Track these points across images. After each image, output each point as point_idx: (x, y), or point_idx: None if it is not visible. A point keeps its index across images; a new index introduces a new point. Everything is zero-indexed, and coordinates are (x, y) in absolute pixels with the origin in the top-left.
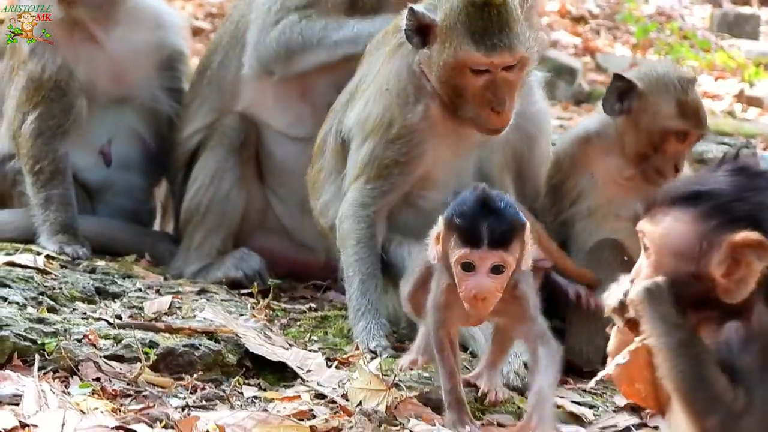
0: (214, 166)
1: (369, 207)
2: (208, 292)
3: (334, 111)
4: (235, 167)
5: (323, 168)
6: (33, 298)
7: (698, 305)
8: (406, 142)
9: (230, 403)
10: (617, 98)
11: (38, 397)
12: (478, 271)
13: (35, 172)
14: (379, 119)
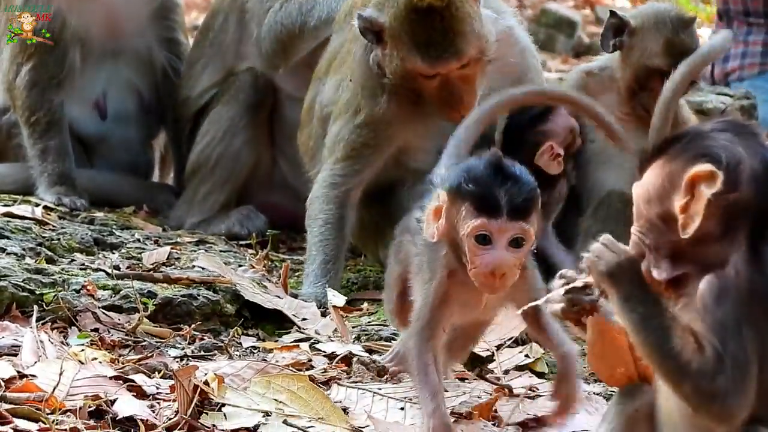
0: (227, 123)
1: (339, 187)
2: (206, 243)
3: (317, 78)
4: (248, 126)
5: (312, 135)
6: (31, 249)
7: (675, 257)
8: (373, 129)
9: (229, 353)
10: (612, 35)
11: (36, 348)
12: (496, 245)
13: (31, 123)
14: (347, 105)
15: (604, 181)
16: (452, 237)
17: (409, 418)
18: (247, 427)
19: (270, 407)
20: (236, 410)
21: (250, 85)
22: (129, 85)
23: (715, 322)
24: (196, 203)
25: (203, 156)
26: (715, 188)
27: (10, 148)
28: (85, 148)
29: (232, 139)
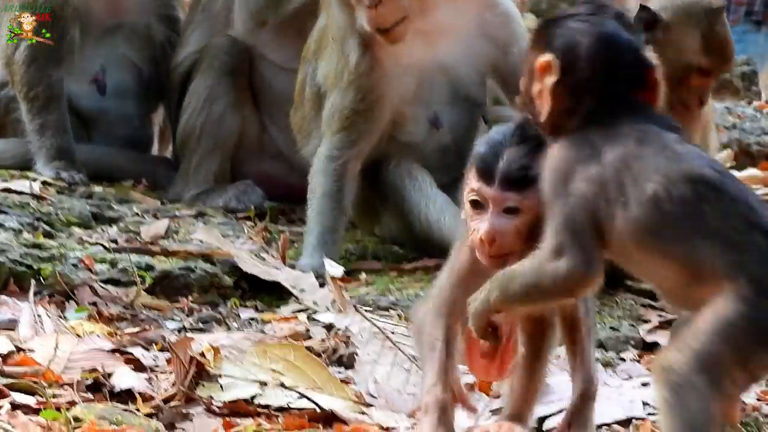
0: (206, 90)
1: (337, 160)
2: (205, 216)
3: (306, 58)
4: (228, 90)
5: (305, 116)
6: (29, 224)
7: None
8: (357, 88)
9: (227, 325)
10: (644, 29)
11: (34, 322)
12: (489, 212)
13: (30, 98)
14: (334, 71)
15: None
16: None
17: (410, 386)
18: (244, 398)
19: (267, 377)
20: (233, 381)
21: (225, 51)
22: (128, 60)
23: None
24: (191, 176)
25: (188, 126)
26: (553, 77)
27: (8, 122)
28: (83, 123)
29: (212, 106)
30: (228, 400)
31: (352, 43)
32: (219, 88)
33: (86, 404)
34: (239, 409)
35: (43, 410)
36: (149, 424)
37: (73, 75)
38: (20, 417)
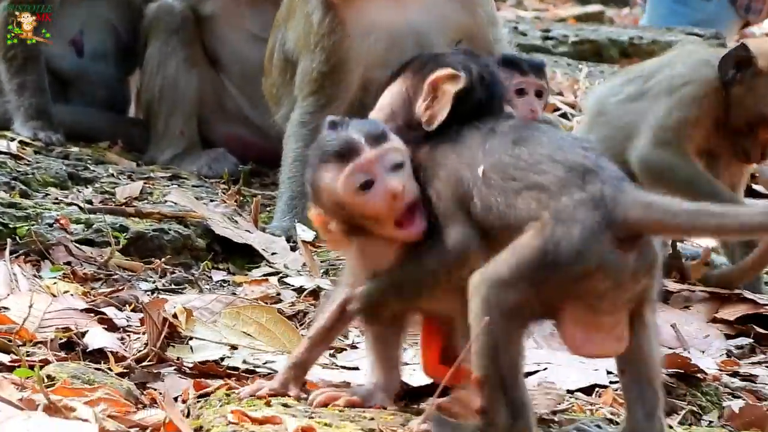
0: (158, 52)
1: (308, 125)
2: (179, 178)
3: (277, 26)
4: (177, 49)
5: (274, 83)
6: (5, 183)
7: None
8: (322, 49)
9: (199, 287)
10: (734, 65)
11: (9, 281)
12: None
13: (8, 58)
14: (303, 35)
15: None
16: None
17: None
18: (214, 359)
19: (238, 340)
20: (203, 343)
21: (167, 13)
22: (106, 23)
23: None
24: (162, 138)
25: (149, 90)
26: (459, 86)
27: None
28: (61, 84)
29: (166, 67)
30: (198, 361)
31: (314, 3)
32: (167, 49)
33: (59, 363)
34: (209, 370)
35: (17, 368)
36: (121, 384)
37: (51, 36)
38: None
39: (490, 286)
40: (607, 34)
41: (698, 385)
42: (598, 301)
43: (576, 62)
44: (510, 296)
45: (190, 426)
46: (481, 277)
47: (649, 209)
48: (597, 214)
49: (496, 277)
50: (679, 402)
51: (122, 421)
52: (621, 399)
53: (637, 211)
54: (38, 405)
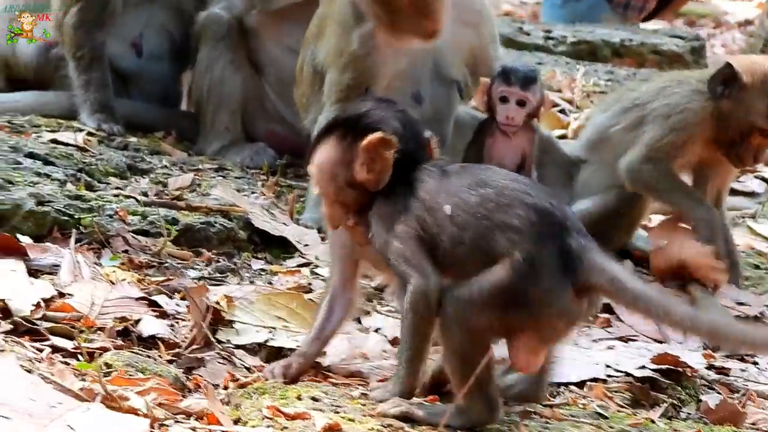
0: (207, 55)
1: None
2: (224, 170)
3: (307, 41)
4: (224, 53)
5: (304, 93)
6: (72, 175)
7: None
8: (355, 68)
9: (240, 275)
10: (721, 83)
11: (73, 268)
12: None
13: (77, 57)
14: (333, 50)
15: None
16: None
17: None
18: (258, 341)
19: (274, 323)
20: (246, 327)
21: (215, 22)
22: (162, 28)
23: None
24: (210, 132)
25: (198, 89)
26: (393, 148)
27: (57, 78)
28: (123, 81)
29: (213, 69)
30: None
31: (357, 31)
32: (215, 52)
33: (116, 351)
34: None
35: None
36: (169, 371)
37: (114, 39)
38: (58, 364)
39: (462, 308)
40: (602, 35)
41: (678, 378)
42: (549, 334)
43: (574, 61)
44: (479, 318)
45: (229, 417)
46: (453, 298)
47: (604, 278)
48: (564, 269)
49: (467, 300)
50: (661, 395)
51: (170, 409)
52: (610, 393)
53: (595, 277)
54: (97, 394)
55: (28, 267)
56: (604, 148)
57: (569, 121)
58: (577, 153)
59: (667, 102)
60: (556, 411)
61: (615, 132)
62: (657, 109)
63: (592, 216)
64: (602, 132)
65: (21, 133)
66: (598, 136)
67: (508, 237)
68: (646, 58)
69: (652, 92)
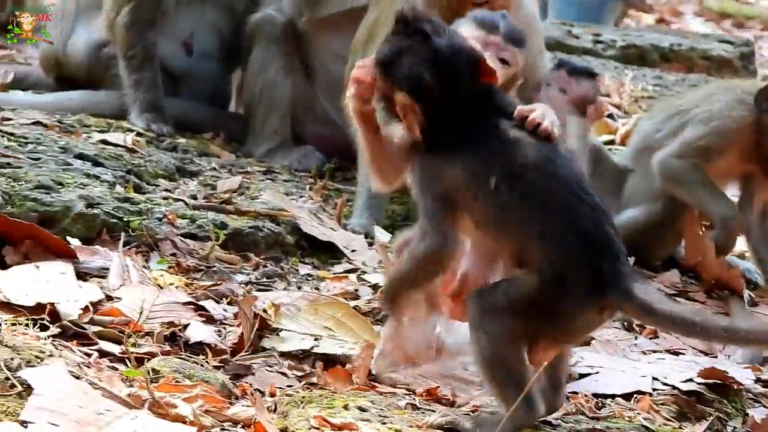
0: (260, 58)
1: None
2: (272, 172)
3: (355, 49)
4: (277, 56)
5: None
6: (121, 177)
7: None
8: None
9: (287, 280)
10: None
11: (122, 272)
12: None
13: (128, 57)
14: None
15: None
16: None
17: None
18: (304, 348)
19: (320, 332)
20: (291, 335)
21: (268, 24)
22: (213, 27)
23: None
24: (259, 134)
25: (249, 92)
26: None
27: (108, 77)
28: (172, 81)
29: (266, 72)
30: (289, 351)
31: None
32: (269, 55)
33: (163, 357)
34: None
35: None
36: (216, 377)
37: (165, 38)
38: (105, 370)
39: (487, 313)
40: (650, 39)
41: (725, 392)
42: (567, 340)
43: (622, 66)
44: (503, 324)
45: (276, 426)
46: (478, 301)
47: (633, 305)
48: (593, 292)
49: (491, 306)
50: (707, 409)
51: (217, 416)
52: (656, 406)
53: (624, 303)
54: (144, 401)
55: (77, 270)
56: (649, 156)
57: (617, 126)
58: (625, 162)
59: (709, 108)
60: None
61: (659, 138)
62: (699, 114)
63: (638, 225)
64: (648, 140)
65: (71, 134)
66: (643, 145)
67: (544, 248)
68: (695, 63)
69: (697, 100)
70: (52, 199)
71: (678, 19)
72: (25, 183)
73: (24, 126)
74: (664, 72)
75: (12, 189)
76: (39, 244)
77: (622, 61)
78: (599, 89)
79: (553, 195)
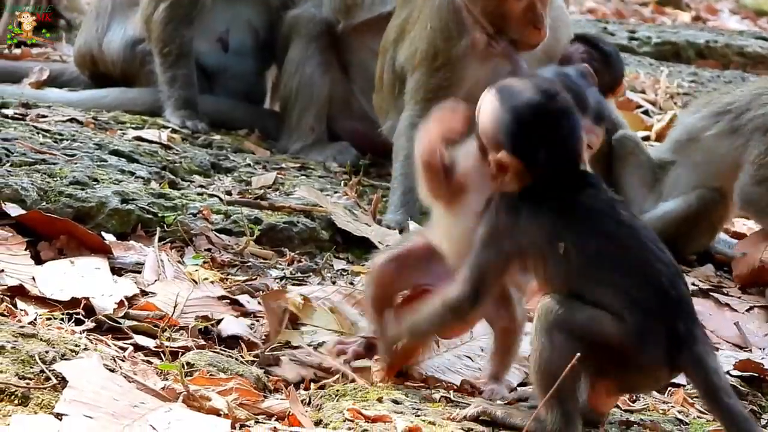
0: (298, 55)
1: (418, 126)
2: (307, 169)
3: (385, 48)
4: (315, 54)
5: (384, 98)
6: (156, 173)
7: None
8: (449, 70)
9: (322, 275)
10: None
11: (157, 267)
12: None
13: (164, 54)
14: (425, 53)
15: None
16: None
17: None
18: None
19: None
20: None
21: (309, 21)
22: (248, 24)
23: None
24: (293, 130)
25: (286, 88)
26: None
27: (143, 74)
28: (207, 78)
29: (304, 68)
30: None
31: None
32: (307, 52)
33: (198, 351)
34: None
35: (160, 353)
36: (250, 371)
37: (201, 35)
38: (140, 364)
39: (563, 329)
40: (686, 36)
41: (760, 385)
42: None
43: (657, 62)
44: (574, 347)
45: (310, 419)
46: (558, 313)
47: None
48: (667, 351)
49: (569, 324)
50: (742, 402)
51: (251, 410)
52: (690, 399)
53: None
54: (179, 394)
55: (111, 265)
56: (691, 149)
57: (653, 122)
58: (664, 155)
59: (764, 112)
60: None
61: (707, 136)
62: (754, 120)
63: (675, 218)
64: (691, 133)
65: (106, 130)
66: (686, 137)
67: (621, 299)
68: (730, 59)
69: (746, 98)
70: (86, 195)
71: (714, 17)
72: (60, 179)
73: (59, 123)
74: (699, 69)
75: (47, 185)
76: (74, 239)
77: (658, 58)
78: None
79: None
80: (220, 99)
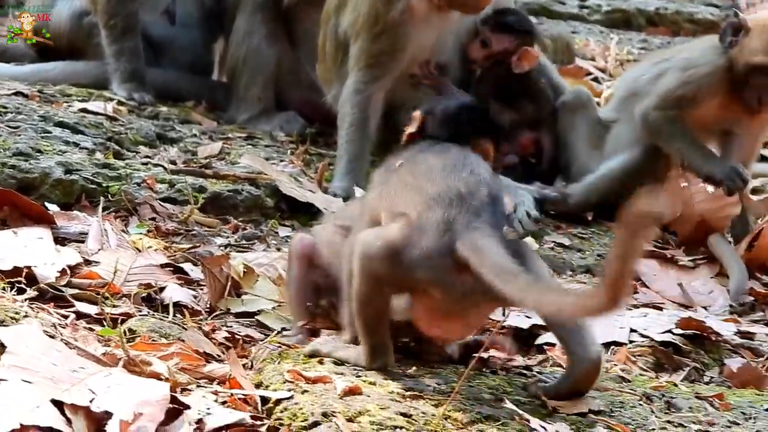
0: (244, 26)
1: (362, 93)
2: (254, 138)
3: (327, 17)
4: (262, 25)
5: (328, 68)
6: (101, 144)
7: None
8: (390, 35)
9: (267, 242)
10: (731, 33)
11: (101, 236)
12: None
13: (110, 26)
14: (366, 18)
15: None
16: None
17: None
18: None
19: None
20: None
21: None
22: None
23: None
24: (241, 100)
25: (233, 58)
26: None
27: (90, 46)
28: (154, 50)
29: (251, 38)
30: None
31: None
32: (254, 22)
33: (140, 317)
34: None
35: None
36: (192, 337)
37: (147, 6)
38: (81, 330)
39: (362, 256)
40: (636, 4)
41: (703, 343)
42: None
43: (608, 30)
44: (374, 267)
45: (251, 382)
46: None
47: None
48: (443, 239)
49: (365, 250)
50: (684, 359)
51: (193, 374)
52: (633, 357)
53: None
54: (119, 359)
55: (55, 235)
56: (632, 103)
57: (602, 89)
58: (608, 114)
59: (687, 56)
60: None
61: (643, 82)
62: (678, 61)
63: (619, 174)
64: (630, 87)
65: (51, 103)
66: (626, 92)
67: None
68: (681, 26)
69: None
70: (30, 166)
71: None
72: (3, 151)
73: (4, 96)
74: (649, 36)
75: None
76: (17, 210)
77: (608, 26)
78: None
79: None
80: (167, 71)
